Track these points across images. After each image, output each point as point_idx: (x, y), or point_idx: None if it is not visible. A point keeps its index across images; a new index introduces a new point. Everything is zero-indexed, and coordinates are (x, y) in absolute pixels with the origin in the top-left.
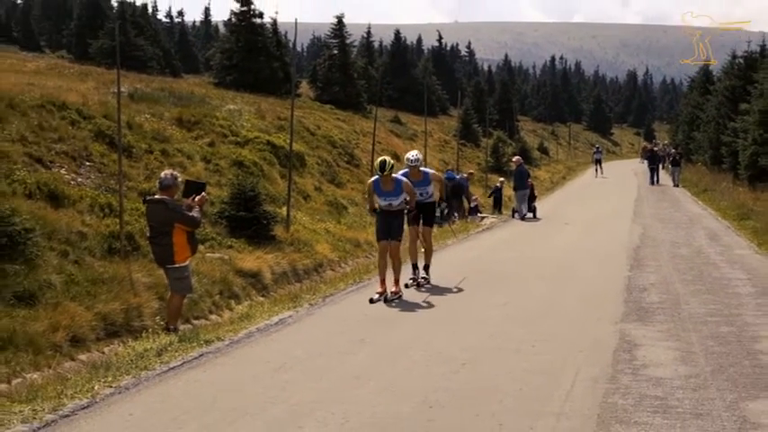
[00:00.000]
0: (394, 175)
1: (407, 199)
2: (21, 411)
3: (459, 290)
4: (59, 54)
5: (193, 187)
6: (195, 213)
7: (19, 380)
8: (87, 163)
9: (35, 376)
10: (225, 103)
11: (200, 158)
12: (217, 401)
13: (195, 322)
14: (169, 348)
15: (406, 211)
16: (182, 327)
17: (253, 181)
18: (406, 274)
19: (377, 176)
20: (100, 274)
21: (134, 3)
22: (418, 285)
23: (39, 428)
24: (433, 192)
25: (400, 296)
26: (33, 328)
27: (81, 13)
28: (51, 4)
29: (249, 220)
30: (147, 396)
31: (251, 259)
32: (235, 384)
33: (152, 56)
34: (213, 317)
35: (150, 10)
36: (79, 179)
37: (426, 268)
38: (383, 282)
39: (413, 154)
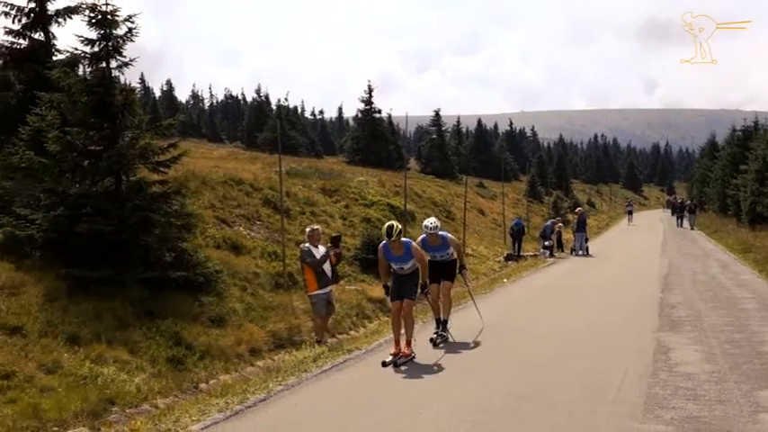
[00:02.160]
0: (403, 239)
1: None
2: (216, 403)
3: (527, 309)
4: (235, 144)
5: (336, 239)
6: (317, 257)
7: (214, 380)
8: (258, 222)
9: (226, 378)
10: (355, 176)
11: (339, 217)
12: (357, 393)
13: (339, 336)
14: (322, 356)
15: (421, 291)
16: (330, 340)
17: (377, 233)
18: (423, 334)
19: (385, 241)
20: (269, 302)
21: (288, 105)
22: (434, 344)
23: (230, 416)
24: (453, 252)
25: (412, 358)
26: (224, 342)
27: (250, 114)
28: (229, 109)
29: (376, 261)
30: (307, 391)
31: (377, 290)
32: (369, 381)
33: (302, 143)
34: (352, 332)
35: (300, 110)
36: (252, 234)
37: (444, 323)
38: (397, 342)
39: (431, 221)
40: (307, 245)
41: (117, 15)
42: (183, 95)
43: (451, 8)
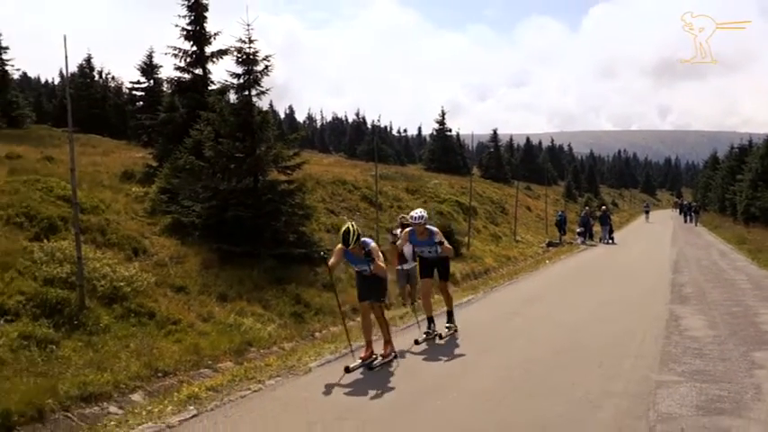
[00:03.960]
0: (365, 239)
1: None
2: (328, 347)
3: (565, 284)
4: (339, 155)
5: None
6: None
7: (325, 331)
8: (357, 213)
9: (334, 329)
10: (431, 180)
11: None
12: (432, 342)
13: (418, 301)
14: (406, 315)
15: (365, 272)
16: (417, 302)
17: (448, 222)
18: (405, 334)
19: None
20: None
21: (380, 125)
22: (440, 336)
23: (338, 357)
24: (442, 249)
25: (393, 357)
26: (332, 303)
27: (351, 132)
28: (335, 127)
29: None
30: (394, 341)
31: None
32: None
33: (390, 154)
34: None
35: (388, 128)
36: (353, 222)
37: (450, 314)
38: (369, 344)
39: (417, 212)
40: (397, 230)
41: (257, 56)
42: (300, 117)
43: (506, 51)
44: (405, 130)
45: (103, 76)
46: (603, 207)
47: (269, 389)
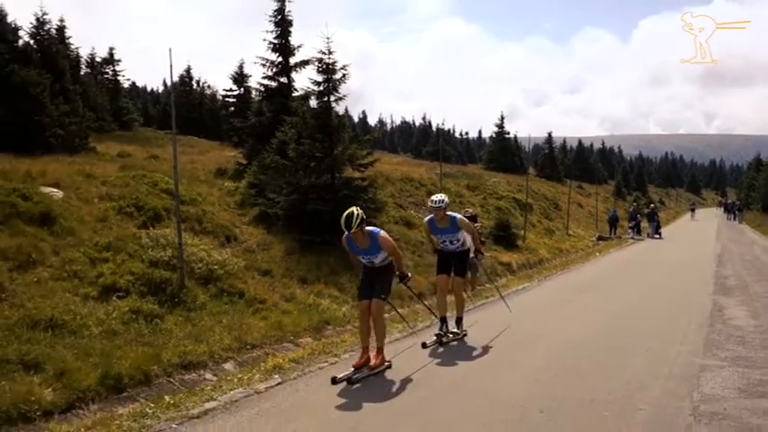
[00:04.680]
0: (370, 228)
1: (391, 260)
2: (396, 327)
3: (614, 275)
4: (407, 155)
5: (469, 218)
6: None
7: (393, 312)
8: (423, 207)
9: (402, 311)
10: (490, 178)
11: (479, 205)
12: (496, 319)
13: (478, 287)
14: (467, 300)
15: (400, 281)
16: (477, 288)
17: (506, 217)
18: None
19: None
20: (431, 261)
21: (444, 128)
22: (441, 343)
23: (406, 335)
24: (465, 239)
25: (387, 367)
26: (399, 287)
27: (417, 134)
28: (403, 130)
29: (504, 237)
30: (469, 316)
31: (505, 256)
32: (497, 316)
33: (452, 154)
34: (488, 285)
35: (451, 131)
36: (419, 215)
37: (458, 321)
38: (365, 350)
39: (437, 196)
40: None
41: (336, 66)
42: (372, 121)
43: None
44: (466, 133)
45: (200, 84)
46: (652, 205)
47: (344, 362)
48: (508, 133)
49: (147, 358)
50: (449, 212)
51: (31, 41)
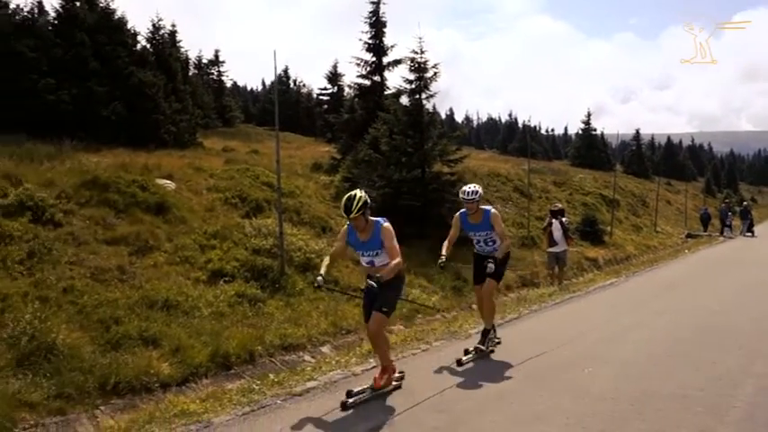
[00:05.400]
0: (375, 218)
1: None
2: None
3: (705, 271)
4: (492, 151)
5: (554, 212)
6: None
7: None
8: (510, 202)
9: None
10: (576, 174)
11: (565, 201)
12: (577, 317)
13: (564, 282)
14: (554, 293)
15: (371, 286)
16: (564, 282)
17: (592, 213)
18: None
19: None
20: (517, 255)
21: (530, 124)
22: (458, 363)
23: (499, 325)
24: (498, 239)
25: (396, 387)
26: None
27: (503, 130)
28: (489, 127)
29: (590, 232)
30: (544, 315)
31: (592, 252)
32: (587, 310)
33: (538, 151)
34: (573, 280)
35: (537, 128)
36: (506, 210)
37: (485, 333)
38: (384, 369)
39: (470, 186)
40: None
41: (427, 65)
42: (459, 117)
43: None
44: (552, 130)
45: (296, 83)
46: (745, 203)
47: (435, 349)
48: (595, 130)
49: (251, 339)
50: (483, 206)
51: (148, 45)
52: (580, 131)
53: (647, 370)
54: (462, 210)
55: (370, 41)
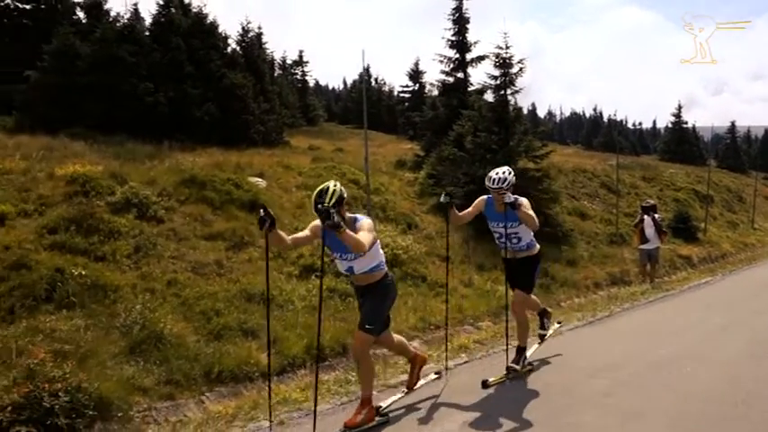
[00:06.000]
0: (354, 215)
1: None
2: (575, 315)
3: None
4: (576, 146)
5: (646, 208)
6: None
7: (570, 301)
8: (597, 198)
9: (578, 300)
10: (666, 169)
11: (656, 197)
12: (670, 312)
13: (657, 280)
14: (647, 291)
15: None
16: (657, 280)
17: (684, 209)
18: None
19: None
20: (606, 252)
21: (616, 119)
22: (484, 384)
23: (585, 324)
24: (524, 235)
25: (383, 422)
26: (575, 277)
27: (588, 125)
28: (572, 122)
29: (683, 229)
30: (636, 313)
31: (685, 249)
32: (682, 309)
33: (625, 145)
34: (666, 278)
35: (624, 122)
36: (593, 206)
37: (519, 352)
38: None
39: (498, 172)
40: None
41: (512, 60)
42: (541, 113)
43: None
44: (639, 123)
45: (378, 81)
46: None
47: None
48: (686, 123)
49: (343, 332)
50: (513, 196)
51: (237, 48)
52: (670, 125)
53: (749, 371)
54: (489, 195)
55: (453, 38)
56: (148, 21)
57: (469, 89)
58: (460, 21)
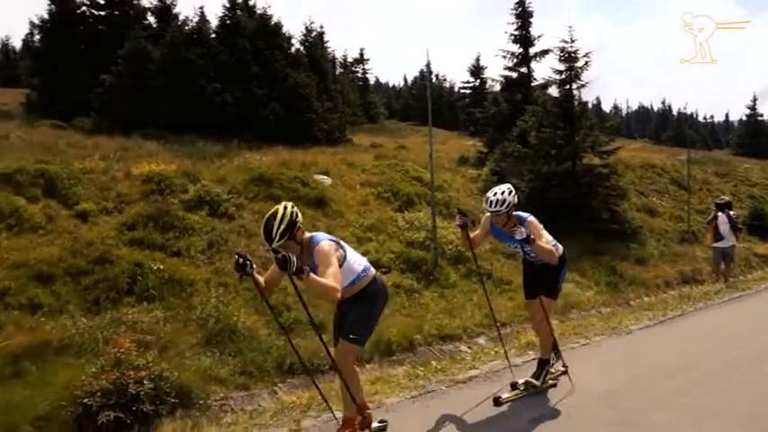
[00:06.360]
0: (309, 234)
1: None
2: (646, 314)
3: None
4: (643, 141)
5: (720, 205)
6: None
7: (639, 300)
8: (666, 195)
9: (648, 299)
10: (741, 164)
11: (729, 193)
12: (746, 312)
13: (732, 279)
14: (721, 291)
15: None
16: (731, 279)
17: (760, 206)
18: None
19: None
20: (677, 251)
21: (686, 112)
22: (496, 402)
23: (656, 323)
24: (533, 248)
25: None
26: (645, 276)
27: (656, 119)
28: (641, 115)
29: (759, 227)
30: (710, 313)
31: (762, 248)
32: (758, 308)
33: (696, 139)
34: (741, 277)
35: (694, 115)
36: (662, 203)
37: (541, 365)
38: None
39: (496, 192)
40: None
41: (577, 54)
42: (606, 107)
43: None
44: (711, 117)
45: (438, 77)
46: None
47: (594, 344)
48: (761, 115)
49: (410, 328)
50: (517, 212)
51: (301, 48)
52: (744, 118)
53: None
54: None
55: (516, 33)
56: (214, 23)
57: (533, 84)
58: (523, 15)
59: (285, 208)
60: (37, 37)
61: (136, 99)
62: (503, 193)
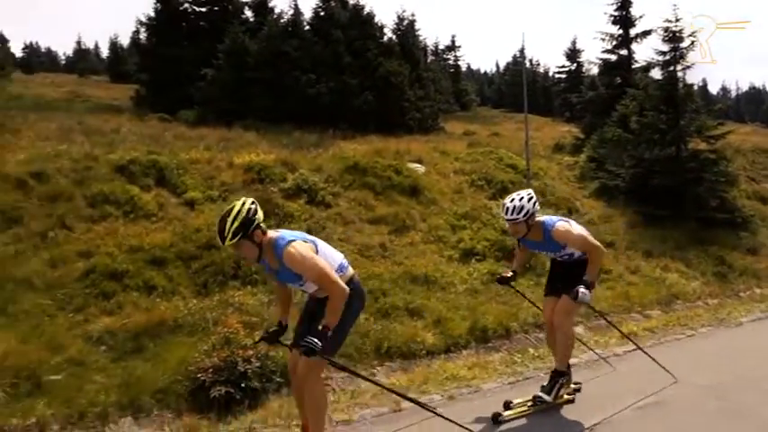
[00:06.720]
0: (273, 234)
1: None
2: (758, 306)
3: None
4: (755, 124)
5: None
6: None
7: (750, 291)
8: None
9: (760, 290)
10: None
11: None
12: None
13: None
14: None
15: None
16: None
17: None
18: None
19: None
20: None
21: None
22: (495, 419)
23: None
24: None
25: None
26: (756, 266)
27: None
28: (753, 97)
29: None
30: None
31: None
32: None
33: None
34: None
35: None
36: None
37: (554, 377)
38: (305, 429)
39: (512, 199)
40: None
41: (682, 33)
42: (713, 89)
43: None
44: None
45: (532, 62)
46: None
47: (701, 336)
48: None
49: (506, 315)
50: (540, 218)
51: (393, 37)
52: None
53: None
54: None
55: (615, 13)
56: (308, 15)
57: (634, 66)
58: None
59: (243, 204)
60: (143, 35)
61: (236, 92)
62: (521, 199)
